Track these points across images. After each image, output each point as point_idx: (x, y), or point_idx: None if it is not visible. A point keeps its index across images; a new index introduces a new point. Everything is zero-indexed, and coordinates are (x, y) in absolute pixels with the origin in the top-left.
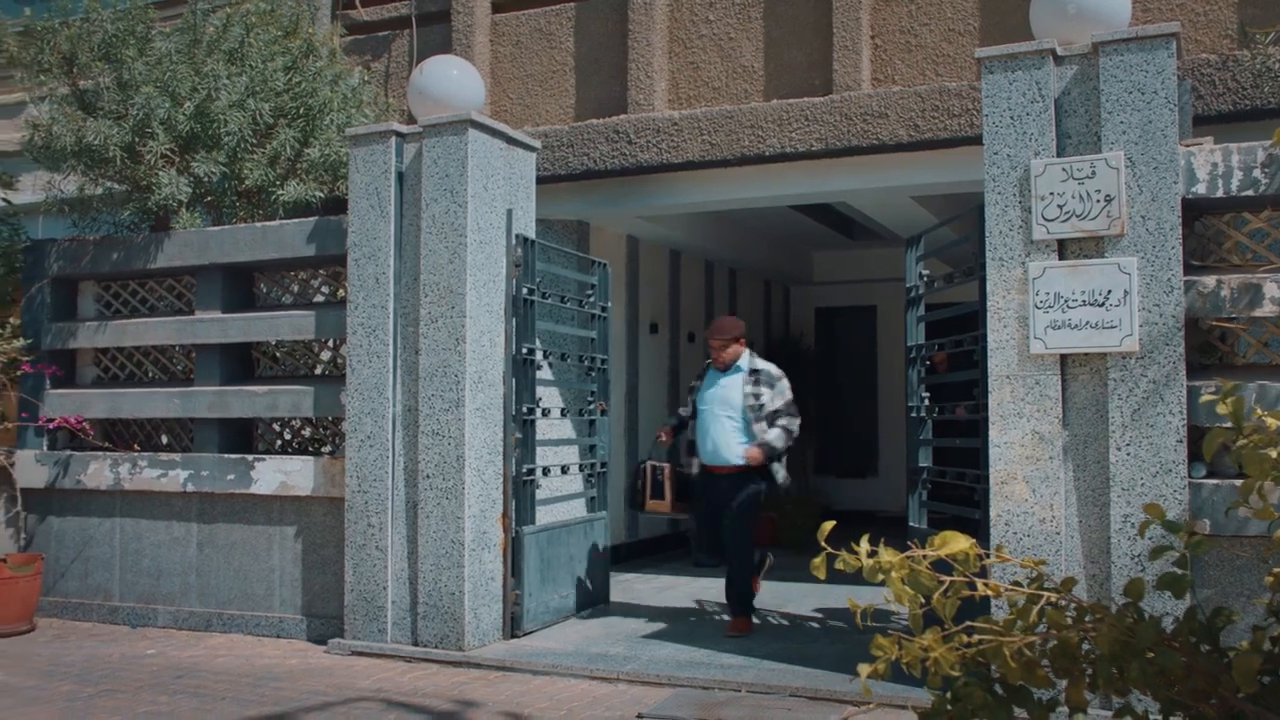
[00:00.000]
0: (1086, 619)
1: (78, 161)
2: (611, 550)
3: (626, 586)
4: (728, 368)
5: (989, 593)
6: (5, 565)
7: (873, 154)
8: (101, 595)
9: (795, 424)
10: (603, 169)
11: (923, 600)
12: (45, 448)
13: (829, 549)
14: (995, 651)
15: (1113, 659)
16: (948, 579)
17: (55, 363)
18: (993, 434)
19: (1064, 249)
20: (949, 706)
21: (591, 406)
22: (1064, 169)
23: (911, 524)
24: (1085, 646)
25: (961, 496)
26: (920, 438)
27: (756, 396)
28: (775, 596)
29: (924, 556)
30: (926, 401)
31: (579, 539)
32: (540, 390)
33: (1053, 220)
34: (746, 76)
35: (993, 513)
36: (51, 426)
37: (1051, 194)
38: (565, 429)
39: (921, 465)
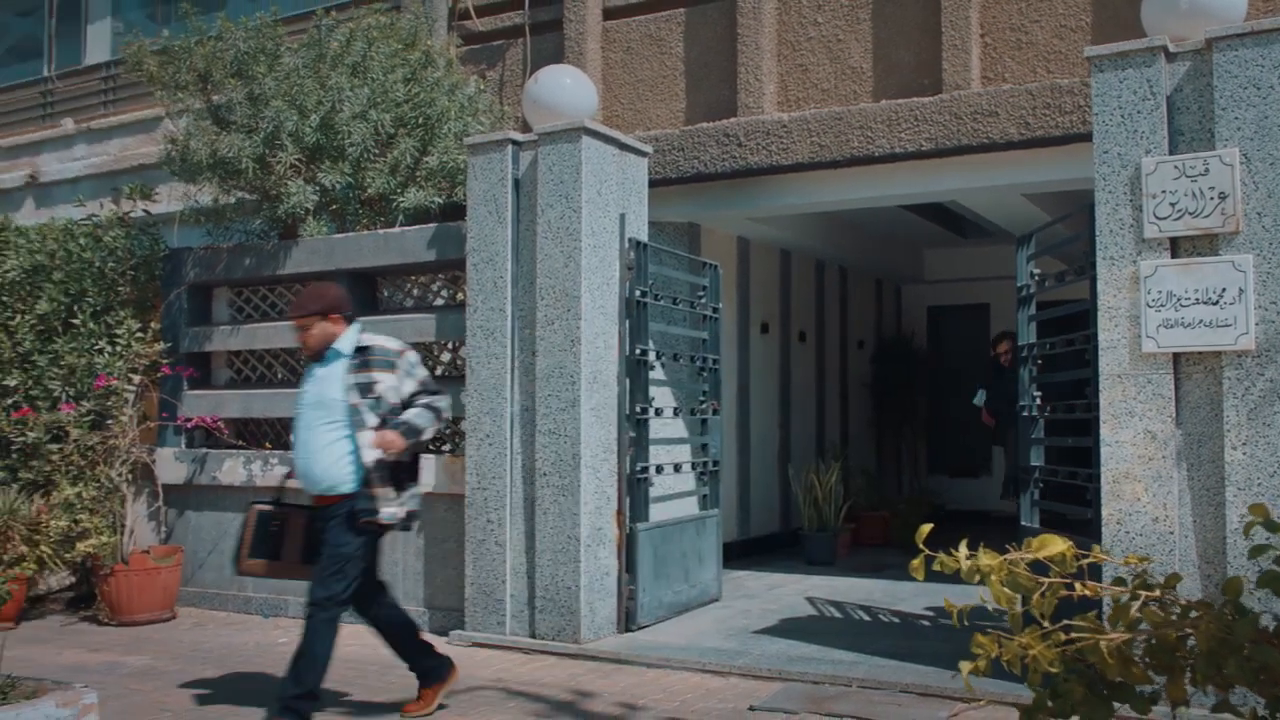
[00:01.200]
0: (1189, 615)
1: (212, 173)
2: (724, 547)
3: (738, 583)
4: (320, 356)
5: (1086, 592)
6: (148, 557)
7: (983, 153)
8: (236, 586)
9: (442, 402)
10: (713, 172)
11: (1021, 600)
12: (183, 446)
13: (927, 551)
14: (1093, 648)
15: (1210, 655)
16: (1045, 580)
17: (192, 365)
18: (1104, 433)
19: (1176, 247)
20: (1050, 703)
21: (704, 406)
22: (1176, 167)
23: (1023, 523)
24: (1190, 643)
25: (1074, 496)
26: (1032, 437)
27: (367, 386)
28: (887, 595)
29: (1021, 559)
30: (1038, 400)
31: (691, 536)
32: (653, 390)
33: (1165, 218)
34: (855, 78)
35: (1105, 512)
36: (189, 426)
37: (1163, 192)
38: (678, 428)
39: (1033, 464)
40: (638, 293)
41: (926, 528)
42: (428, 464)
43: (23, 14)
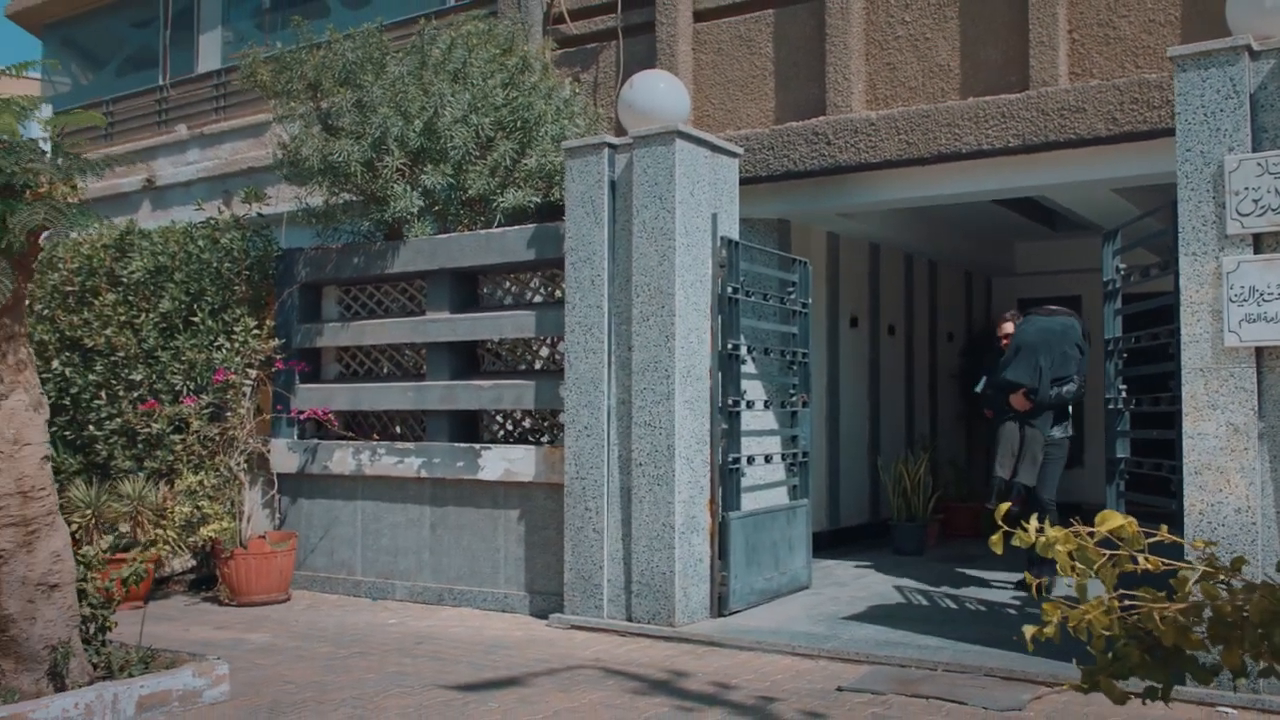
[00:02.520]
0: (1243, 591)
1: (323, 178)
2: (813, 537)
3: (827, 572)
4: None
5: (1149, 566)
6: (265, 542)
7: (1070, 149)
8: (345, 570)
9: None
10: (802, 170)
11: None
12: (296, 437)
13: (1005, 527)
14: (1148, 616)
15: (1261, 626)
16: (1108, 552)
17: (303, 360)
18: (1186, 426)
19: (1259, 243)
20: (1110, 665)
21: (793, 398)
22: (1259, 164)
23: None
24: (1244, 615)
25: (1160, 487)
26: (1118, 429)
27: None
28: (976, 584)
29: (1090, 534)
30: (1123, 393)
31: (782, 525)
32: (744, 383)
33: (1247, 215)
34: (942, 75)
35: (1187, 503)
36: (302, 418)
37: (1246, 189)
38: (768, 420)
39: (1119, 456)
40: (729, 289)
41: (1005, 505)
42: (528, 454)
43: (138, 25)
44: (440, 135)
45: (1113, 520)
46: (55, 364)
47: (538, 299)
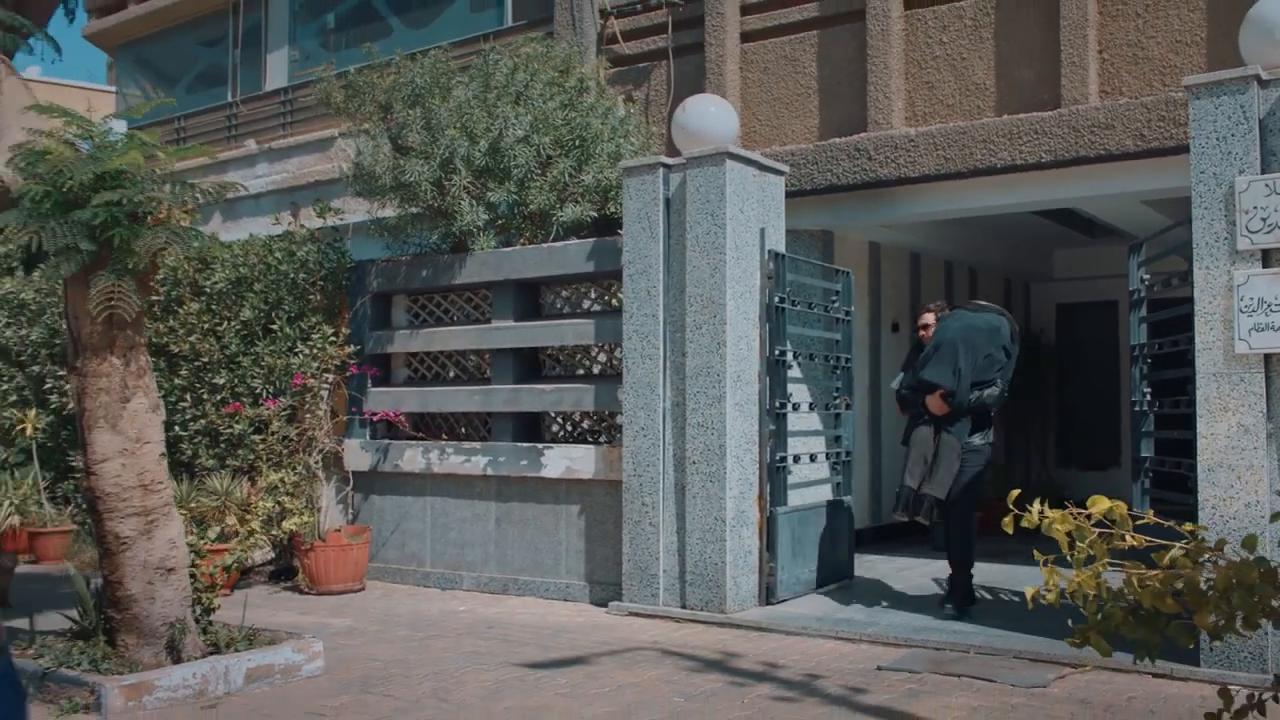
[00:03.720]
0: (1213, 563)
1: (394, 195)
2: (855, 533)
3: (869, 566)
4: None
5: (1134, 543)
6: (342, 535)
7: (1100, 163)
8: (415, 562)
9: None
10: (845, 184)
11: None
12: (368, 437)
13: (1016, 510)
14: (1128, 581)
15: (1224, 591)
16: (1100, 531)
17: (375, 365)
18: (1200, 426)
19: (1267, 258)
20: (1098, 624)
21: (837, 401)
22: (1267, 185)
23: (1134, 510)
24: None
25: (1180, 484)
26: (1143, 430)
27: None
28: (1008, 577)
29: (1086, 515)
30: (1148, 396)
31: (826, 521)
32: (791, 387)
33: (1256, 232)
34: (978, 94)
35: (1201, 498)
36: (374, 419)
37: (1255, 208)
38: (813, 421)
39: (1144, 455)
40: (776, 299)
41: (1016, 492)
42: (587, 453)
43: (208, 45)
44: (504, 154)
45: (1102, 503)
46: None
47: (595, 308)
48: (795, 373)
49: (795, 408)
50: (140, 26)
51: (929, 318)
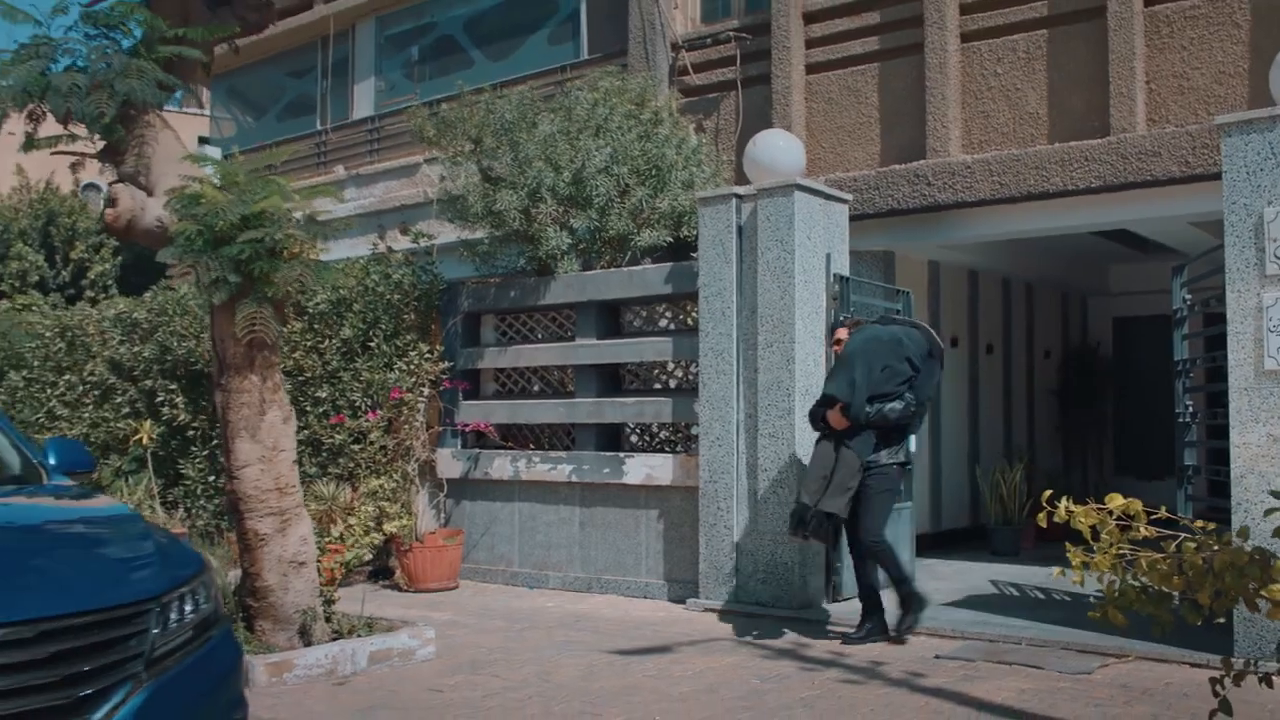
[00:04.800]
0: (1213, 550)
1: (485, 221)
2: (916, 538)
3: (929, 569)
4: None
5: (1148, 534)
6: (438, 537)
7: (1146, 188)
8: (504, 563)
9: None
10: (905, 208)
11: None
12: (460, 446)
13: (1048, 507)
14: (1138, 564)
15: (1219, 573)
16: (1113, 520)
17: (465, 379)
18: (1233, 436)
19: None
20: (1115, 600)
21: None
22: None
23: (1180, 514)
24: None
25: (1219, 490)
26: (1185, 440)
27: None
28: (1061, 580)
29: (1107, 510)
30: (1190, 408)
31: (889, 524)
32: None
33: None
34: (1031, 122)
35: (1234, 500)
36: (466, 430)
37: None
38: None
39: (1186, 464)
40: (841, 319)
41: (1049, 492)
42: (666, 461)
43: (296, 75)
44: (586, 184)
45: (1117, 499)
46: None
47: (670, 326)
48: None
49: None
50: (234, 59)
51: (842, 333)
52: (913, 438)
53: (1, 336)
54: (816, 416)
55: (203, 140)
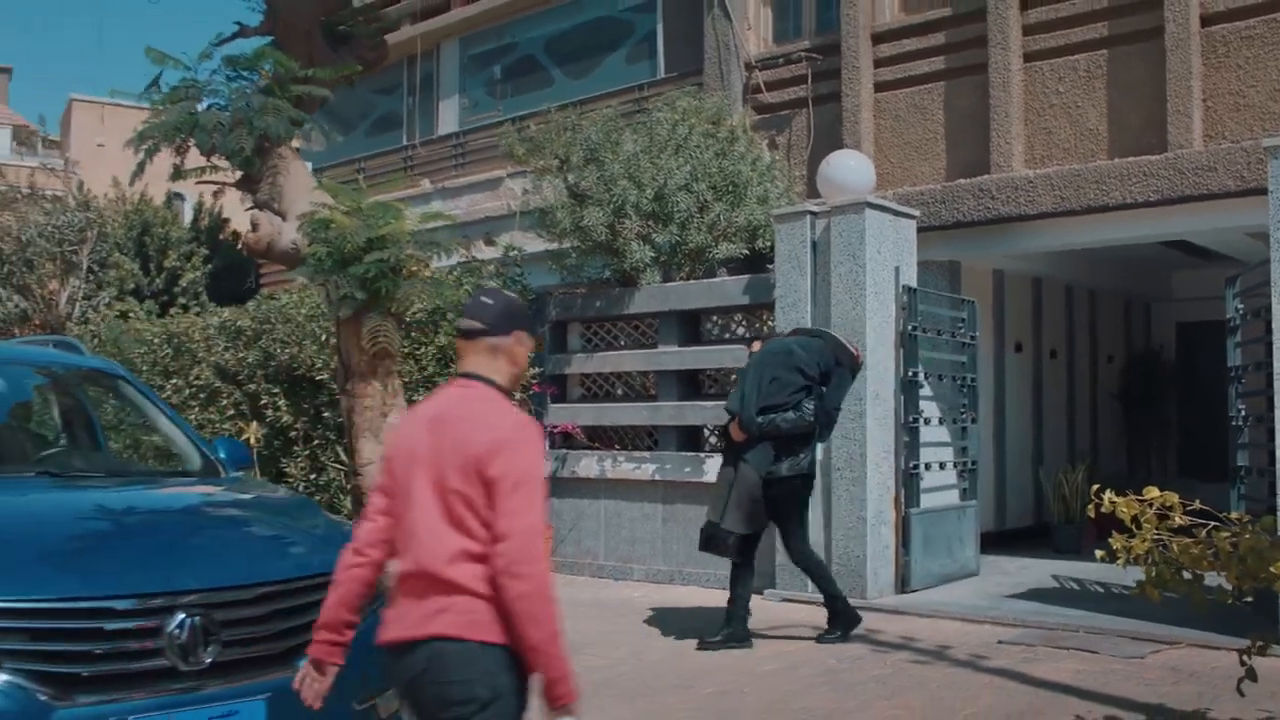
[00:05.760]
0: (1242, 536)
1: (572, 236)
2: (981, 536)
3: (993, 564)
4: None
5: (1181, 521)
6: None
7: (1203, 201)
8: (590, 556)
9: None
10: (970, 220)
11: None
12: (548, 447)
13: (1096, 499)
14: (1172, 547)
15: (1244, 556)
16: (1149, 511)
17: (553, 384)
18: (1279, 438)
19: None
20: (1153, 580)
21: (964, 416)
22: None
23: (1231, 514)
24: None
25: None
26: (1238, 442)
27: None
28: (1118, 574)
29: (1146, 501)
30: (1243, 412)
31: (954, 521)
32: (922, 404)
33: None
34: (1091, 138)
35: (1279, 499)
36: (554, 431)
37: None
38: (943, 434)
39: (1239, 464)
40: (910, 327)
41: (1097, 487)
42: None
43: (384, 92)
44: (667, 200)
45: (1153, 491)
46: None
47: (747, 334)
48: (926, 391)
49: (927, 422)
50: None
51: (756, 345)
52: (819, 447)
53: (112, 343)
54: (723, 433)
55: None
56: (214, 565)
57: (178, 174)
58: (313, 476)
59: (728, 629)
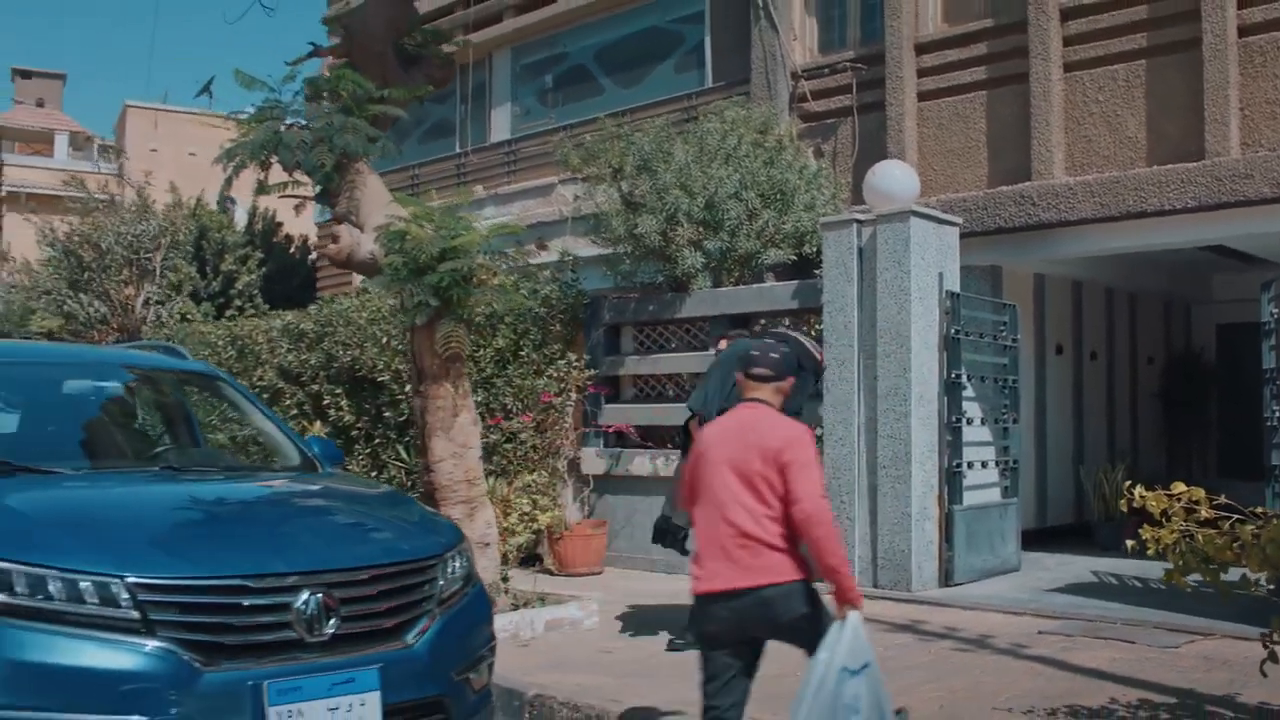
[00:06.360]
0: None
1: (625, 243)
2: (1022, 533)
3: (1034, 560)
4: None
5: (1208, 514)
6: (584, 527)
7: (1239, 208)
8: (642, 551)
9: None
10: (1011, 226)
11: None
12: (602, 446)
13: (1128, 493)
14: (1199, 537)
15: (1267, 545)
16: (1177, 504)
17: (607, 385)
18: None
19: None
20: (1180, 568)
21: (1005, 416)
22: None
23: (1268, 509)
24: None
25: None
26: (1274, 442)
27: None
28: (1156, 570)
29: (1175, 496)
30: (1277, 412)
31: (996, 518)
32: (965, 404)
33: None
34: (1130, 147)
35: None
36: (608, 430)
37: None
38: (984, 434)
39: (1275, 464)
40: (953, 331)
41: (1128, 483)
42: None
43: (436, 101)
44: (717, 208)
45: (1180, 486)
46: (408, 388)
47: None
48: (969, 392)
49: (969, 422)
50: None
51: (722, 344)
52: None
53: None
54: (685, 431)
55: None
56: (332, 550)
57: (262, 189)
58: (373, 474)
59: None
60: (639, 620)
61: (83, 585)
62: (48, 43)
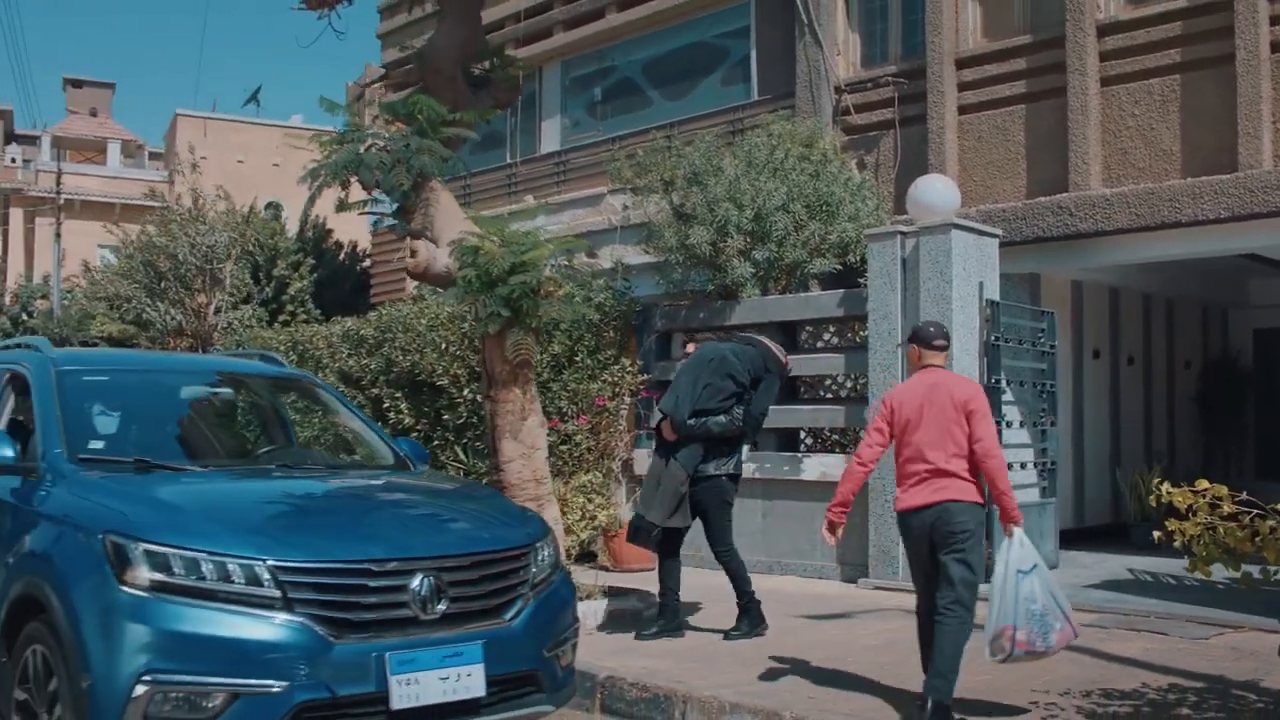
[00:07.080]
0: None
1: (677, 254)
2: (1060, 533)
3: (1072, 559)
4: None
5: (1231, 510)
6: None
7: (1272, 218)
8: (694, 548)
9: None
10: (1049, 236)
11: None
12: (654, 447)
13: (1155, 490)
14: (1220, 530)
15: None
16: (1202, 499)
17: (658, 390)
18: None
19: None
20: (1203, 558)
21: (1043, 419)
22: None
23: None
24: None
25: None
26: None
27: None
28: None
29: (1200, 492)
30: None
31: (1034, 517)
32: (1004, 408)
33: None
34: (1165, 159)
35: None
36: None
37: None
38: (1023, 436)
39: None
40: (993, 338)
41: (1158, 480)
42: (838, 460)
43: None
44: (766, 220)
45: (1203, 483)
46: (466, 392)
47: (835, 343)
48: (1008, 396)
49: (1008, 425)
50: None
51: (690, 347)
52: (745, 448)
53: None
54: (656, 431)
55: None
56: (440, 538)
57: (343, 206)
58: None
59: (662, 620)
60: (696, 611)
61: (230, 567)
62: (93, 47)
